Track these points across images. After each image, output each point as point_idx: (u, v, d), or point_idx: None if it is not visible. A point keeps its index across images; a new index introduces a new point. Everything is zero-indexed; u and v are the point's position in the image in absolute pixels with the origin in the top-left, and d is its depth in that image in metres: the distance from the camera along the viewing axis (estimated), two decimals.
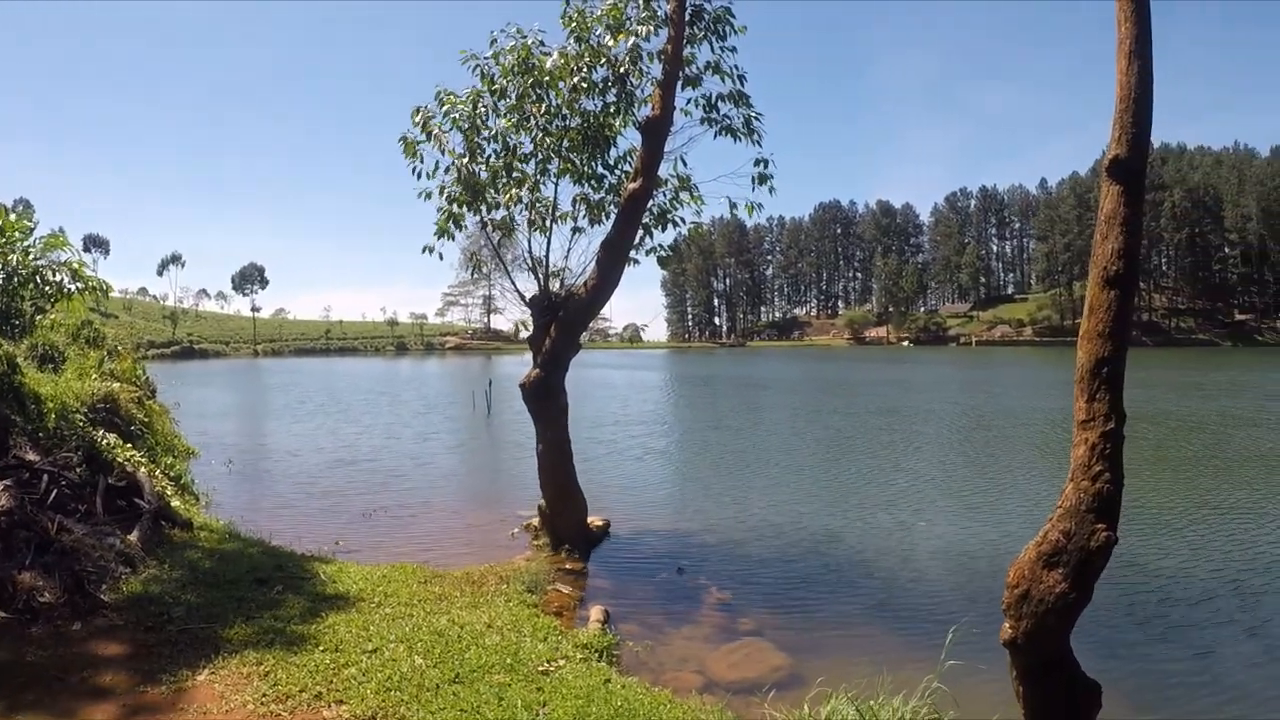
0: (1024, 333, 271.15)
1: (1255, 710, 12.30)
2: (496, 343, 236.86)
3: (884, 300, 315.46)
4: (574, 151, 20.14)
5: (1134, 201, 9.06)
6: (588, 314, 19.94)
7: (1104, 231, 9.11)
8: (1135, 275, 9.15)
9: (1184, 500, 26.06)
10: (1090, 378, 8.96)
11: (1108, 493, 8.64)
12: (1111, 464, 8.69)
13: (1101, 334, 8.97)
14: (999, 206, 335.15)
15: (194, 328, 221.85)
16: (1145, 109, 9.13)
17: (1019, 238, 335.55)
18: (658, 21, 18.92)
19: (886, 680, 10.42)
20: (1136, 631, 15.31)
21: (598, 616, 14.24)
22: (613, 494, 26.15)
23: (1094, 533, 8.57)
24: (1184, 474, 30.92)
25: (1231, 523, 23.16)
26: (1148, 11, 9.29)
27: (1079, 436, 8.90)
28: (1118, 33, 9.29)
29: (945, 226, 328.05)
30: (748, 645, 14.00)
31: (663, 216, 20.81)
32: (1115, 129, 9.16)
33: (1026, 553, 9.04)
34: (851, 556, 19.75)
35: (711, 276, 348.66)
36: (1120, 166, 9.10)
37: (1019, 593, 8.92)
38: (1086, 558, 8.60)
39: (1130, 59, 9.14)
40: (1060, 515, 8.83)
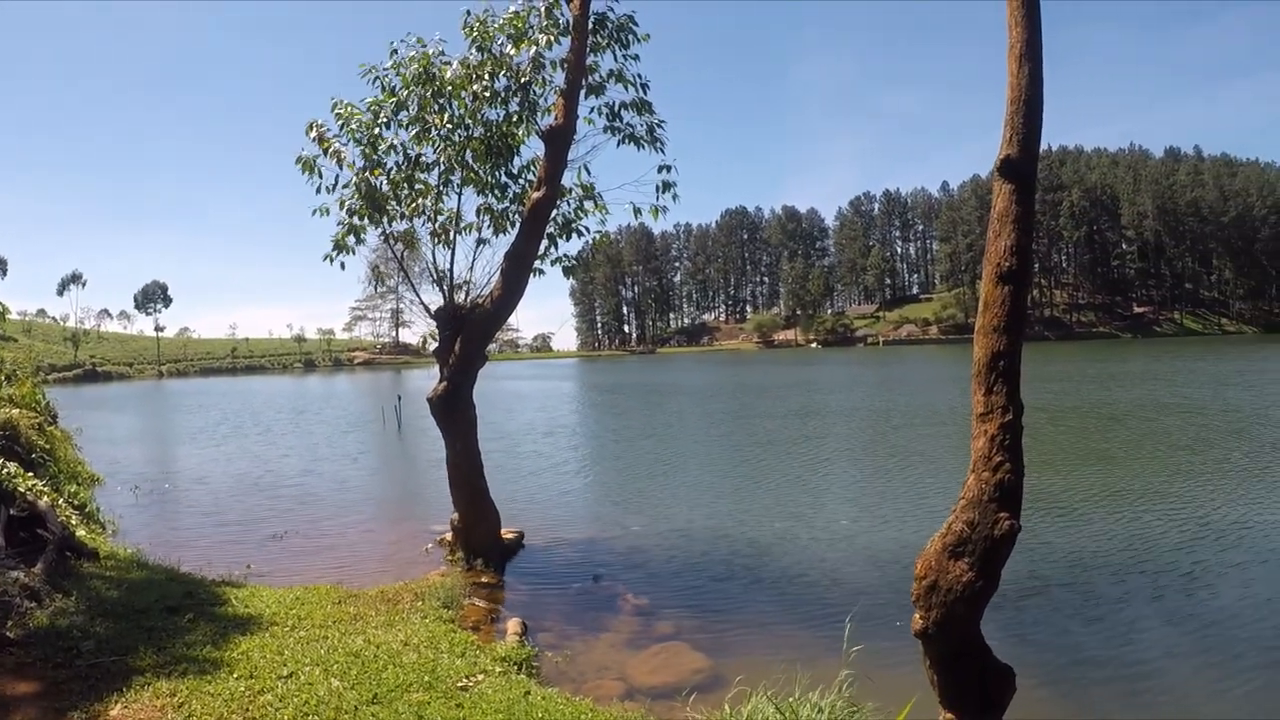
0: (930, 331, 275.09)
1: (1164, 684, 12.66)
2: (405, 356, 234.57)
3: (791, 303, 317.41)
4: (477, 161, 20.03)
5: (1025, 200, 9.28)
6: (494, 325, 19.75)
7: (997, 229, 9.33)
8: (1028, 271, 9.38)
9: (1093, 487, 26.70)
10: (987, 371, 9.14)
11: (1009, 482, 8.82)
12: (1011, 454, 8.88)
13: (997, 328, 9.17)
14: (903, 209, 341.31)
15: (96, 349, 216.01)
16: (1035, 110, 9.35)
17: (923, 239, 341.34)
18: (560, 30, 18.87)
19: (803, 675, 10.50)
20: (1048, 615, 15.64)
21: (515, 629, 14.15)
22: (526, 505, 25.99)
23: (997, 522, 8.76)
24: (1092, 462, 31.69)
25: (1138, 507, 23.79)
26: (1038, 16, 9.50)
27: (978, 429, 9.09)
28: (1009, 36, 9.51)
29: (850, 230, 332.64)
30: (666, 649, 14.01)
31: (567, 226, 20.78)
32: (1006, 130, 9.38)
33: (932, 544, 9.19)
34: (765, 556, 19.88)
35: (620, 284, 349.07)
36: (1011, 166, 9.32)
37: (927, 583, 9.06)
38: (991, 546, 8.78)
39: (1021, 62, 9.37)
40: (963, 506, 9.01)
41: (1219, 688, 12.48)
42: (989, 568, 8.85)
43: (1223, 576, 17.57)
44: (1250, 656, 13.53)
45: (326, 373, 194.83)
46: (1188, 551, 19.34)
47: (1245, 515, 22.47)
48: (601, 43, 19.58)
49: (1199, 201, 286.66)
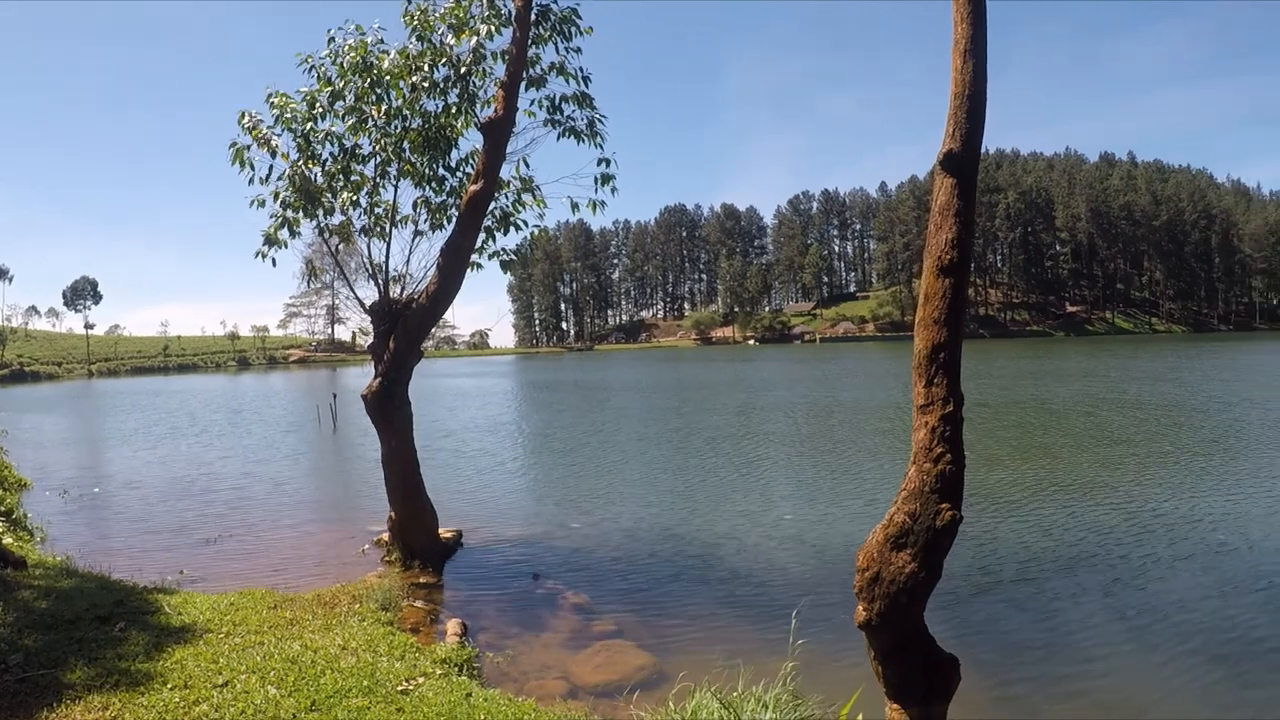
0: (866, 329, 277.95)
1: (1106, 673, 12.82)
2: (341, 354, 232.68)
3: (729, 301, 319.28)
4: (414, 153, 19.73)
5: (966, 194, 9.27)
6: (429, 320, 19.42)
7: (938, 222, 9.32)
8: (968, 264, 9.36)
9: (1035, 480, 27.10)
10: (928, 363, 9.14)
11: (950, 473, 8.84)
12: (952, 445, 8.89)
13: (937, 321, 9.17)
14: (841, 209, 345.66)
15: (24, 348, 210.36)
16: (979, 106, 9.36)
17: (860, 238, 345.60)
18: (502, 20, 18.61)
19: (746, 670, 10.56)
20: (993, 605, 15.80)
21: (455, 630, 13.95)
22: (463, 504, 25.77)
23: (939, 513, 8.77)
24: (1035, 456, 32.12)
25: (1080, 500, 24.17)
26: (984, 12, 9.50)
27: (919, 420, 9.09)
28: (954, 32, 9.47)
29: (788, 228, 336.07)
30: (609, 647, 13.90)
31: (505, 219, 20.56)
32: (949, 124, 9.37)
33: (874, 536, 9.16)
34: (706, 551, 19.86)
35: (558, 281, 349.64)
36: (953, 160, 9.29)
37: (869, 575, 9.03)
38: (933, 537, 8.78)
39: (965, 57, 9.34)
40: (905, 498, 8.99)
41: (1159, 676, 12.69)
42: (931, 558, 8.85)
43: (1163, 567, 17.85)
44: (1187, 644, 13.77)
45: (261, 371, 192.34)
46: (1129, 543, 19.65)
47: (1183, 507, 22.90)
48: (544, 35, 19.33)
49: (1131, 206, 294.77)
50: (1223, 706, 11.68)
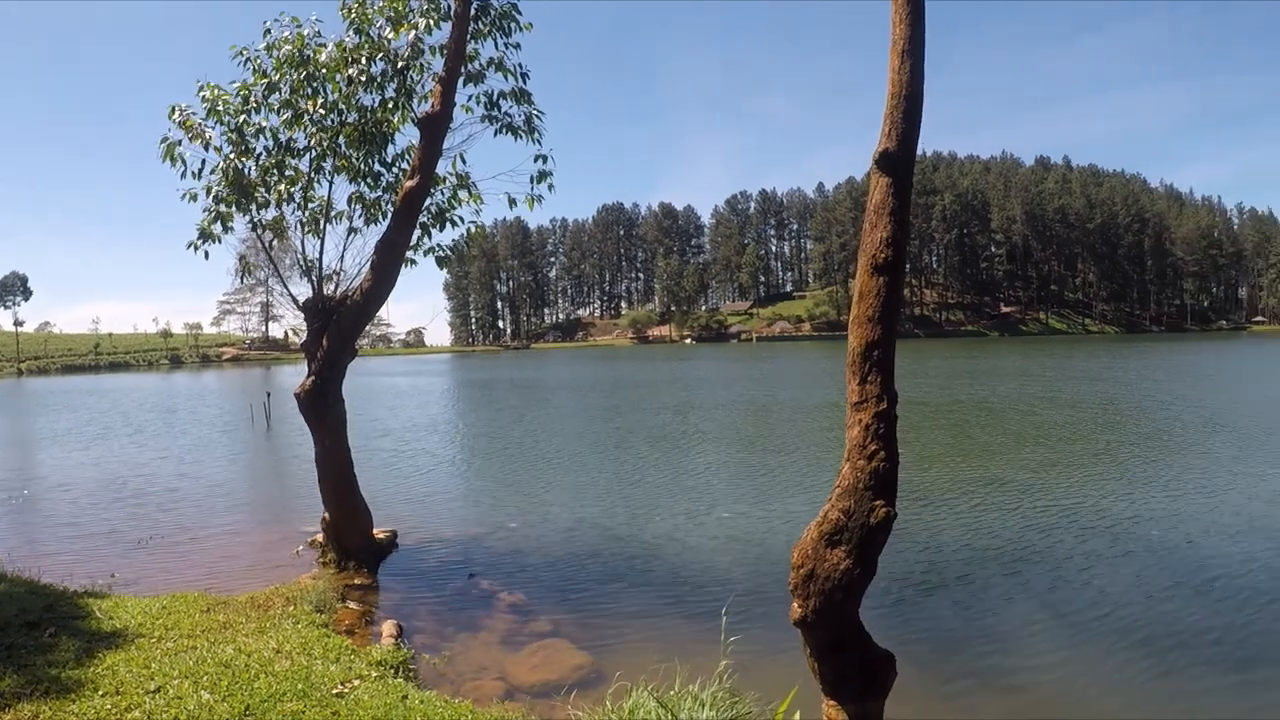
0: (803, 328, 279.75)
1: (1042, 668, 12.99)
2: (275, 352, 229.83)
3: (666, 300, 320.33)
4: (350, 148, 19.48)
5: (902, 193, 9.35)
6: (363, 317, 19.17)
7: (873, 221, 9.40)
8: (902, 263, 9.47)
9: (975, 477, 27.46)
10: (861, 361, 9.20)
11: (884, 470, 8.93)
12: (886, 442, 8.98)
13: (871, 319, 9.24)
14: (778, 209, 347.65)
15: None
16: (915, 106, 9.43)
17: (797, 239, 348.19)
18: (441, 15, 18.44)
19: (683, 668, 10.60)
20: (930, 602, 15.99)
21: (390, 631, 13.80)
22: (398, 503, 25.54)
23: (873, 510, 8.84)
24: (975, 454, 32.50)
25: (1018, 497, 24.49)
26: (922, 13, 9.57)
27: (853, 418, 9.16)
28: (892, 33, 9.53)
29: (726, 228, 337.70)
30: (547, 647, 13.82)
31: (441, 216, 20.42)
32: (886, 124, 9.44)
33: (808, 533, 9.18)
34: (644, 550, 19.84)
35: (495, 279, 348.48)
36: (889, 159, 9.36)
37: (804, 572, 9.04)
38: (868, 534, 8.84)
39: (903, 58, 9.41)
40: (839, 495, 9.03)
41: (1096, 671, 12.78)
42: (866, 555, 8.89)
43: (1101, 564, 18.06)
44: (1124, 639, 13.93)
45: (194, 369, 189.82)
46: (1068, 540, 19.87)
47: (1120, 505, 23.27)
48: (483, 30, 19.17)
49: (1066, 209, 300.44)
50: (1159, 700, 11.83)
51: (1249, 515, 21.85)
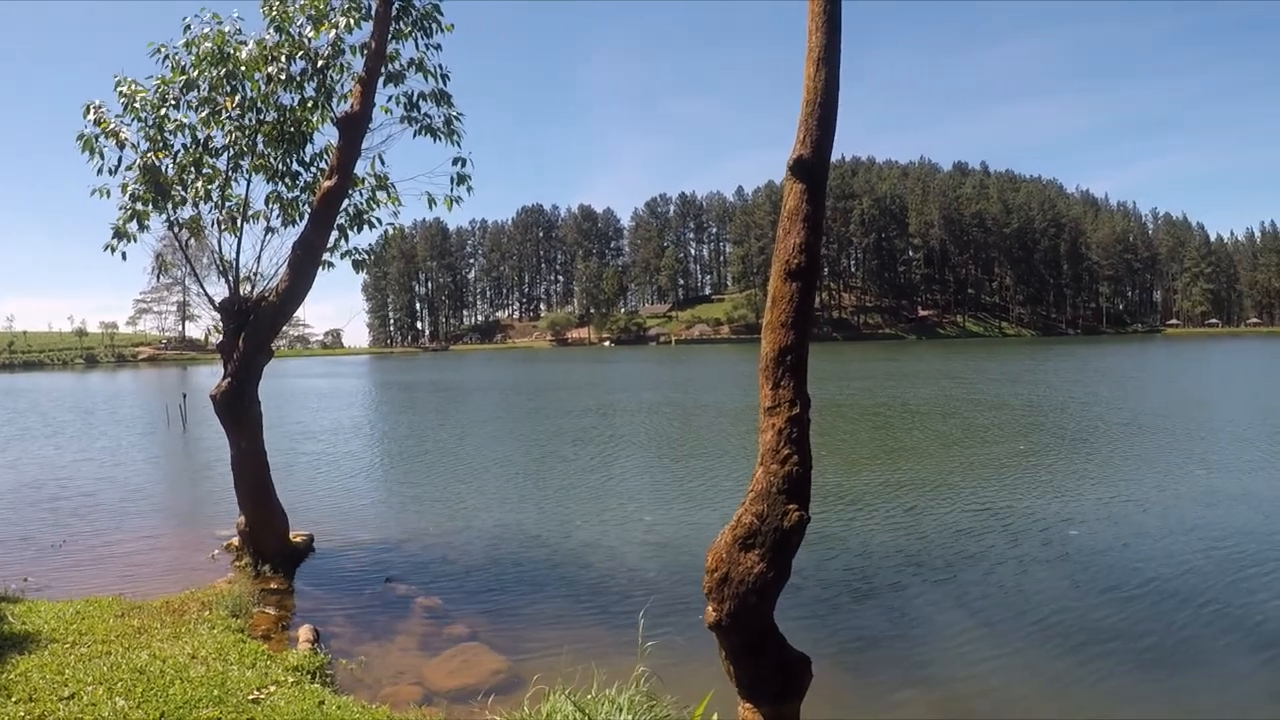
0: (721, 331, 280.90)
1: (958, 666, 13.15)
2: (192, 352, 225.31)
3: (585, 302, 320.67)
4: (269, 147, 19.27)
5: (815, 199, 9.48)
6: (280, 319, 18.96)
7: (786, 227, 9.50)
8: (816, 268, 9.55)
9: (898, 480, 27.82)
10: (775, 366, 9.28)
11: (797, 474, 8.98)
12: (799, 447, 9.03)
13: (784, 324, 9.29)
14: (697, 212, 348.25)
15: None
16: (830, 113, 9.55)
17: (716, 242, 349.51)
18: (362, 14, 18.28)
19: (601, 672, 10.64)
20: (847, 603, 16.08)
21: (307, 636, 13.64)
22: (315, 507, 25.26)
23: (786, 513, 8.88)
24: (897, 456, 32.98)
25: (940, 498, 24.88)
26: (838, 22, 9.65)
27: (766, 422, 9.22)
28: (809, 40, 9.62)
29: (645, 230, 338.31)
30: (465, 651, 13.73)
31: (359, 217, 20.23)
32: (800, 130, 9.54)
33: (722, 537, 9.24)
34: (563, 554, 19.81)
35: (414, 280, 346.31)
36: (803, 166, 9.47)
37: (718, 576, 9.10)
38: (781, 538, 8.89)
39: (819, 65, 9.50)
40: (753, 498, 9.10)
41: (1015, 669, 12.99)
42: (780, 558, 8.94)
43: (1021, 563, 18.34)
44: (1042, 638, 14.15)
45: (109, 369, 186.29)
46: (989, 541, 20.22)
47: (1040, 505, 23.74)
48: (404, 30, 19.08)
49: (983, 213, 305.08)
50: (1082, 700, 11.98)
51: (1173, 516, 22.31)
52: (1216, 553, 18.87)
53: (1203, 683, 12.53)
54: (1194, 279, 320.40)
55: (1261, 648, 13.65)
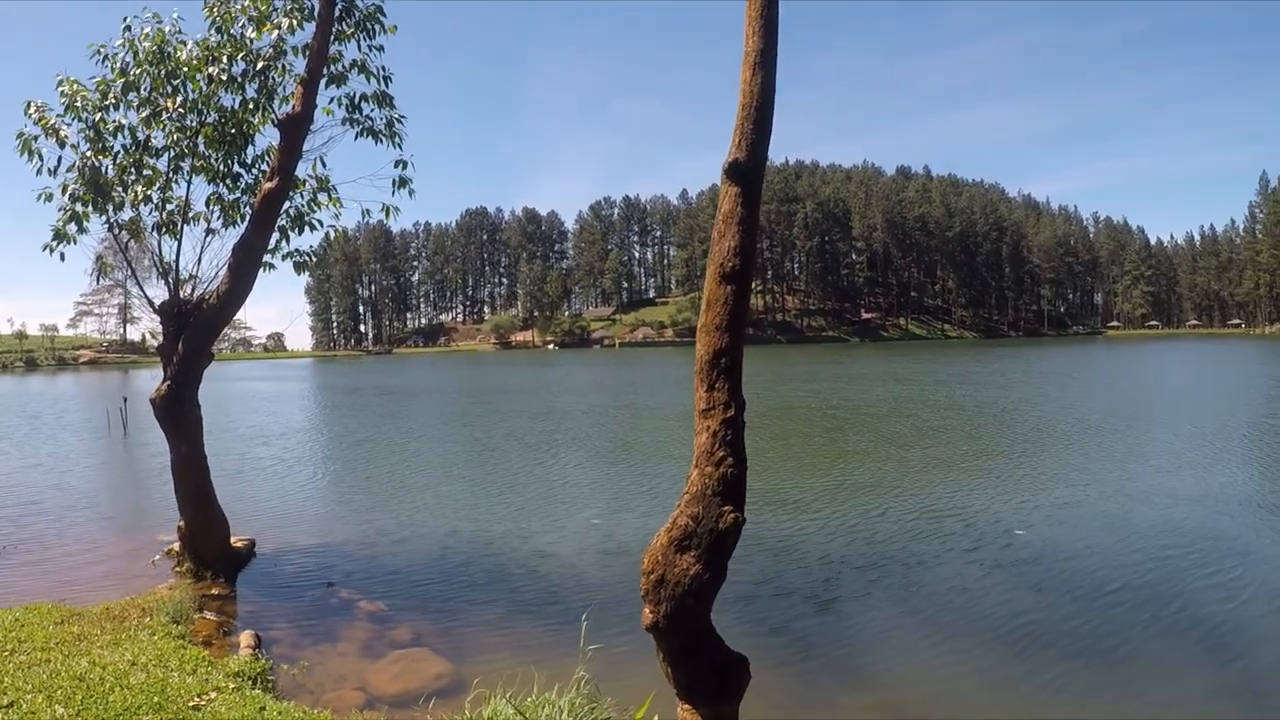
0: (665, 334, 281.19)
1: (895, 666, 13.36)
2: (134, 355, 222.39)
3: (529, 305, 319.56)
4: (209, 148, 19.08)
5: (750, 202, 9.57)
6: (220, 321, 18.77)
7: (721, 230, 9.61)
8: (750, 271, 9.66)
9: (842, 481, 28.01)
10: (709, 368, 9.39)
11: (732, 476, 9.08)
12: (734, 449, 9.13)
13: (719, 327, 9.42)
14: (641, 215, 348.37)
15: None
16: (765, 117, 9.66)
17: (660, 245, 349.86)
18: (305, 15, 18.21)
19: (541, 675, 10.80)
20: (786, 604, 16.17)
21: (248, 642, 13.51)
22: (256, 511, 25.05)
23: (722, 515, 8.98)
24: (842, 457, 33.32)
25: (884, 499, 25.05)
26: (775, 26, 9.77)
27: (701, 424, 9.36)
28: (745, 44, 9.73)
29: (589, 233, 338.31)
30: (406, 656, 13.72)
31: (300, 219, 20.02)
32: (736, 134, 9.65)
33: (658, 539, 9.34)
34: (507, 557, 19.80)
35: (357, 282, 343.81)
36: (738, 169, 9.58)
37: (655, 578, 9.19)
38: (717, 539, 8.98)
39: (755, 69, 9.61)
40: (688, 501, 9.20)
41: (955, 667, 13.17)
42: (716, 560, 9.03)
43: (960, 564, 18.56)
44: (982, 636, 14.38)
45: (50, 372, 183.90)
46: (931, 541, 20.44)
47: (987, 506, 24.07)
48: (347, 31, 18.93)
49: (926, 217, 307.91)
50: (1018, 697, 12.14)
51: (1117, 515, 22.71)
52: (1159, 552, 19.20)
53: (1144, 681, 12.73)
54: (1134, 282, 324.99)
55: (1202, 645, 13.91)
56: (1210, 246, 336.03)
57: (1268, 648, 13.92)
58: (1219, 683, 12.61)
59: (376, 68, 19.33)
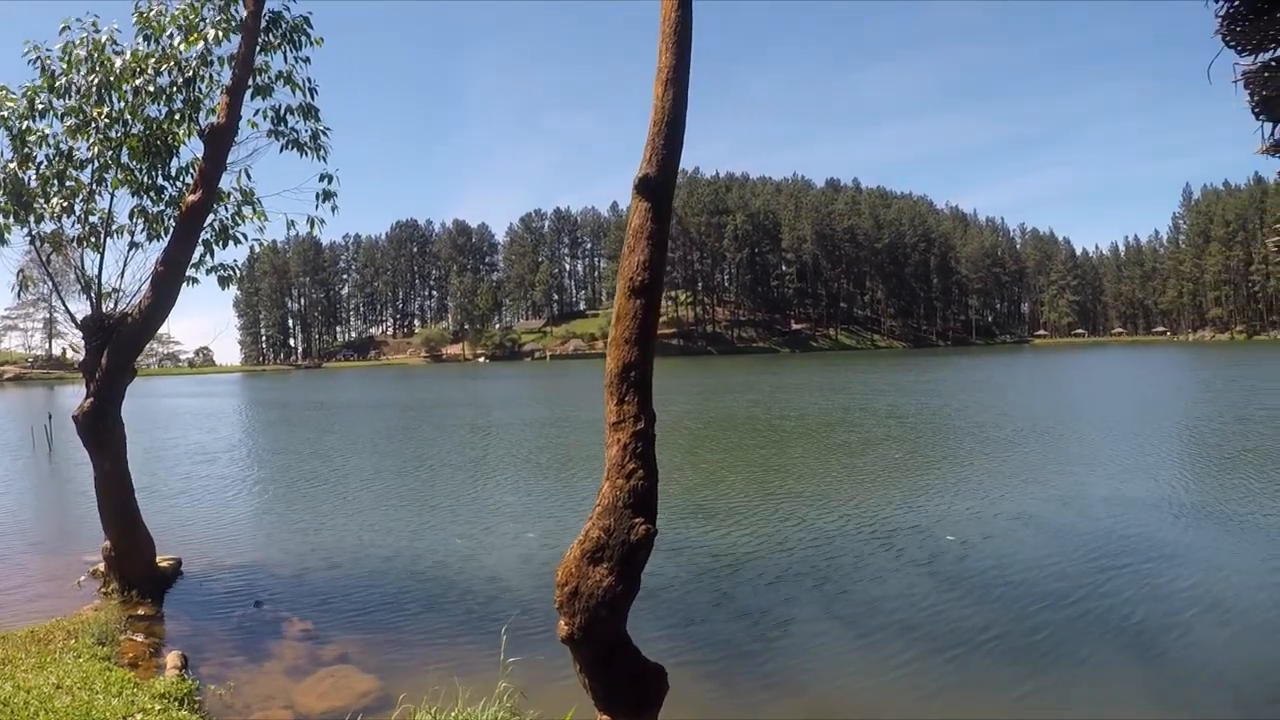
0: (596, 346, 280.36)
1: (830, 669, 13.70)
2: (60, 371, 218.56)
3: (460, 318, 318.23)
4: (134, 160, 18.77)
5: (660, 218, 9.71)
6: (143, 336, 18.47)
7: (631, 245, 9.71)
8: (659, 285, 9.74)
9: (769, 490, 28.39)
10: (619, 382, 9.45)
11: (643, 489, 9.16)
12: (644, 461, 9.22)
13: (629, 340, 9.49)
14: (573, 227, 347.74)
15: None
16: (676, 133, 9.81)
17: (591, 257, 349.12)
18: (233, 26, 17.95)
19: (466, 690, 10.94)
20: (717, 612, 16.54)
21: (175, 662, 13.36)
22: (183, 530, 24.61)
23: (633, 527, 9.07)
24: (766, 467, 33.36)
25: (811, 508, 25.45)
26: (688, 44, 9.95)
27: (611, 437, 9.39)
28: (658, 61, 9.90)
29: (520, 246, 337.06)
30: (335, 673, 13.68)
31: (224, 232, 19.78)
32: (647, 150, 9.79)
33: (572, 551, 9.44)
34: (436, 573, 19.77)
35: (286, 296, 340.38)
36: (649, 185, 9.72)
37: (569, 590, 9.28)
38: (629, 551, 9.07)
39: (667, 86, 9.79)
40: (600, 513, 9.29)
41: (877, 670, 13.52)
42: (628, 571, 9.12)
43: (888, 570, 18.92)
44: (906, 640, 14.68)
45: None
46: (859, 548, 20.87)
47: (912, 512, 24.65)
48: (273, 42, 18.75)
49: (855, 229, 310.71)
50: (943, 698, 12.44)
51: (1045, 518, 23.53)
52: (1088, 555, 19.69)
53: (1072, 681, 13.00)
54: (1060, 291, 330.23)
55: (1131, 645, 14.30)
56: (1135, 256, 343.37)
57: (1194, 648, 14.26)
58: (1147, 683, 12.98)
59: (302, 79, 19.21)
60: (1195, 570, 18.33)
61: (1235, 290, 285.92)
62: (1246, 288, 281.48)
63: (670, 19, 9.95)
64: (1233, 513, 23.57)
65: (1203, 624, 15.20)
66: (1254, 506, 24.27)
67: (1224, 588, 17.13)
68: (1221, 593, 16.83)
